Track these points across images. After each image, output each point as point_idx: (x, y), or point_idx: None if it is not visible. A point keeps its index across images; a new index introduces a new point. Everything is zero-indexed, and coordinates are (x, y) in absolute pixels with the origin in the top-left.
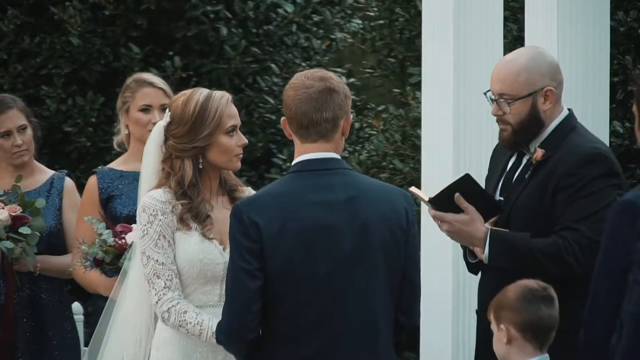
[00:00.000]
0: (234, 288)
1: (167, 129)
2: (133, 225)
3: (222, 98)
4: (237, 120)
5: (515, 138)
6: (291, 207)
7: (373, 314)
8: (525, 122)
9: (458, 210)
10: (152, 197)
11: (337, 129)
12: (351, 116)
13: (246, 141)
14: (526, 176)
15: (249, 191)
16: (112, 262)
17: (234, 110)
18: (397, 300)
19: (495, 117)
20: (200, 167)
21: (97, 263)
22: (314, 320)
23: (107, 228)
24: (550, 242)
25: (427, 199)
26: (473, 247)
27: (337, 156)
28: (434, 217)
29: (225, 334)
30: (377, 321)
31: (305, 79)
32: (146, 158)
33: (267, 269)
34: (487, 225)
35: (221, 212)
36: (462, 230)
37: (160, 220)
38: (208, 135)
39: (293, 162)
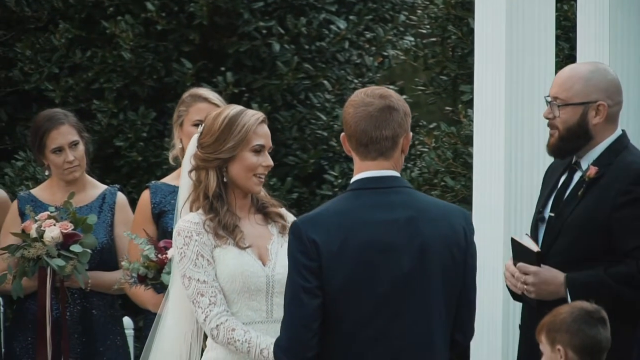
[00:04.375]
0: (293, 306)
1: (198, 139)
2: None
3: (253, 116)
4: (265, 141)
5: (561, 144)
6: (350, 225)
7: (431, 333)
8: (573, 130)
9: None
10: (186, 220)
11: (397, 146)
12: (411, 134)
13: (271, 163)
14: (579, 193)
15: (284, 210)
16: (155, 277)
17: (264, 130)
18: (453, 319)
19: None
20: (225, 180)
21: (141, 279)
22: (373, 338)
23: (150, 243)
24: (626, 272)
25: (536, 250)
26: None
27: (397, 174)
28: (519, 269)
29: (284, 352)
30: (434, 339)
31: (365, 97)
32: (184, 168)
33: (326, 287)
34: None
35: (255, 229)
36: (547, 278)
37: (195, 240)
38: (232, 148)
39: (352, 180)
